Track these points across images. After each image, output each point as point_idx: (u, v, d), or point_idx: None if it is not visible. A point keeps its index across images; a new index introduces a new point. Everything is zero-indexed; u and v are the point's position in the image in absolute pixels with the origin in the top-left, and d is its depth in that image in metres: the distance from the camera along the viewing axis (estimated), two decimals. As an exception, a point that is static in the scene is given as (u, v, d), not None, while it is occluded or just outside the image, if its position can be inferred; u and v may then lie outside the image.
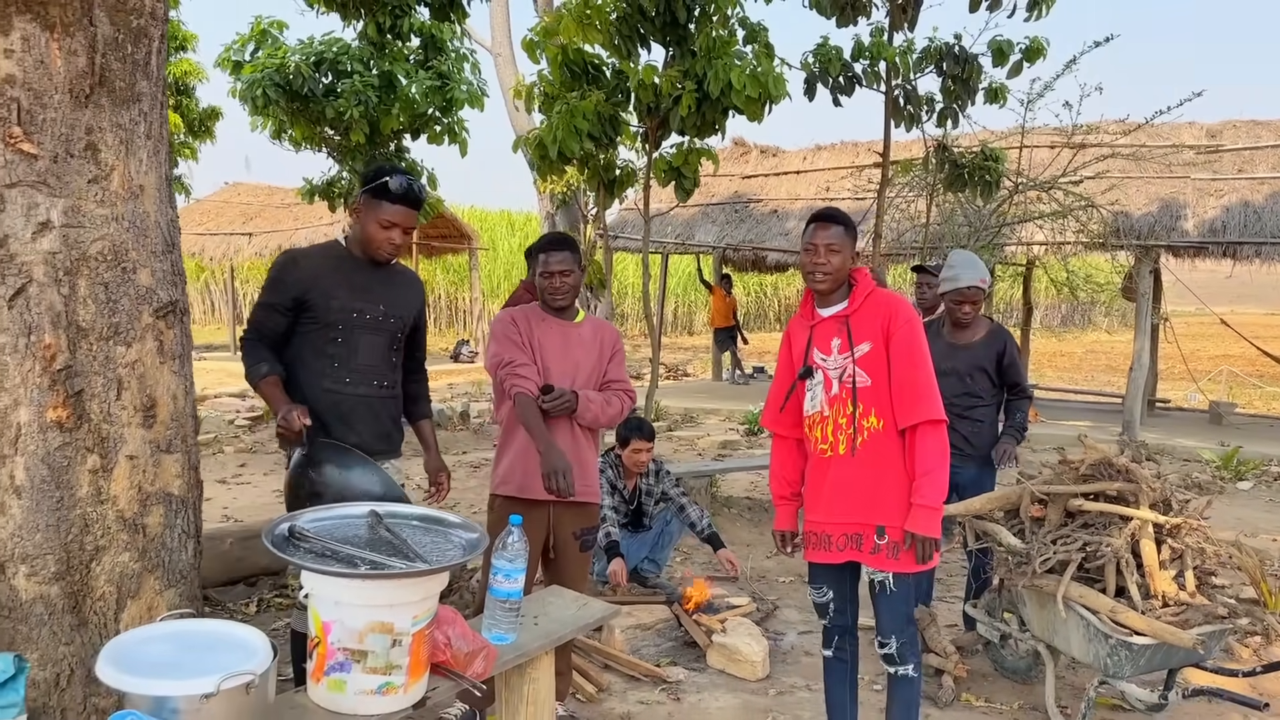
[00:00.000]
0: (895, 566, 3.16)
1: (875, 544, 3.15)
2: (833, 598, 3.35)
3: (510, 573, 2.68)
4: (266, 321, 3.32)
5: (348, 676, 2.27)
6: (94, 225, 2.77)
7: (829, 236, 3.18)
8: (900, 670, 3.26)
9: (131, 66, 2.85)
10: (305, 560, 2.28)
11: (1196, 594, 3.72)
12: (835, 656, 3.41)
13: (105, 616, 2.82)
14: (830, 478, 3.22)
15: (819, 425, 3.26)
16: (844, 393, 3.18)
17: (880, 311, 3.18)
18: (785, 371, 3.40)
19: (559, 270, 3.55)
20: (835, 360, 3.21)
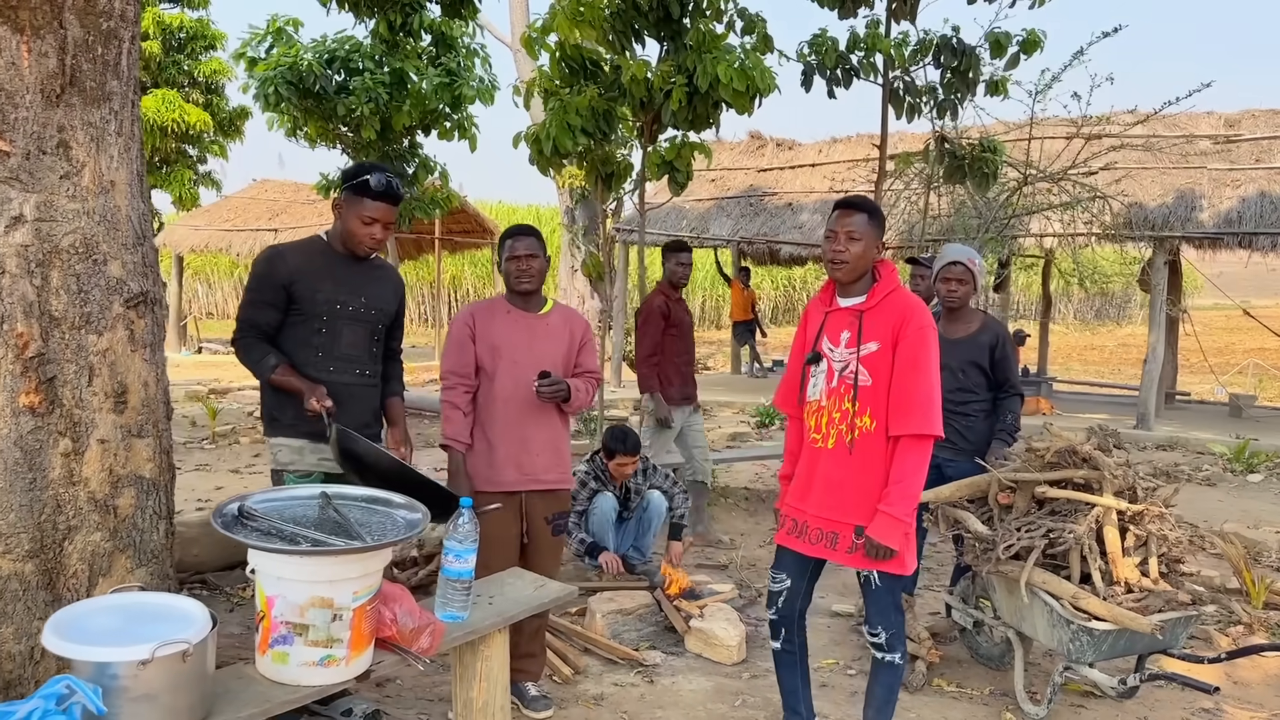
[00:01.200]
0: (872, 566, 3.15)
1: (852, 543, 3.14)
2: (788, 588, 3.37)
3: (461, 553, 2.78)
4: (259, 318, 3.40)
5: (290, 649, 2.38)
6: (66, 219, 2.90)
7: (850, 224, 3.13)
8: (887, 657, 3.28)
9: (102, 67, 2.97)
10: (250, 538, 2.40)
11: (1160, 581, 3.75)
12: (783, 649, 3.45)
13: (78, 593, 2.95)
14: (819, 470, 3.22)
15: (814, 414, 3.26)
16: (843, 387, 3.17)
17: (895, 313, 3.13)
18: (799, 353, 3.38)
19: (525, 254, 3.65)
20: (841, 353, 3.20)
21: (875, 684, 3.34)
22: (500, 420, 3.64)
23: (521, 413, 3.62)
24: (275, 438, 3.47)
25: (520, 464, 3.65)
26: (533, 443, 3.64)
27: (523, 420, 3.62)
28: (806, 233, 13.41)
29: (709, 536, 6.31)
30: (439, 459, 8.05)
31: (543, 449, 3.65)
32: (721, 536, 6.40)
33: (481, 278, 30.06)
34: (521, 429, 3.63)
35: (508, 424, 3.63)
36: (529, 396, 3.58)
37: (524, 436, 3.63)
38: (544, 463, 3.66)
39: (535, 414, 3.63)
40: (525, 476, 3.67)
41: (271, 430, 3.49)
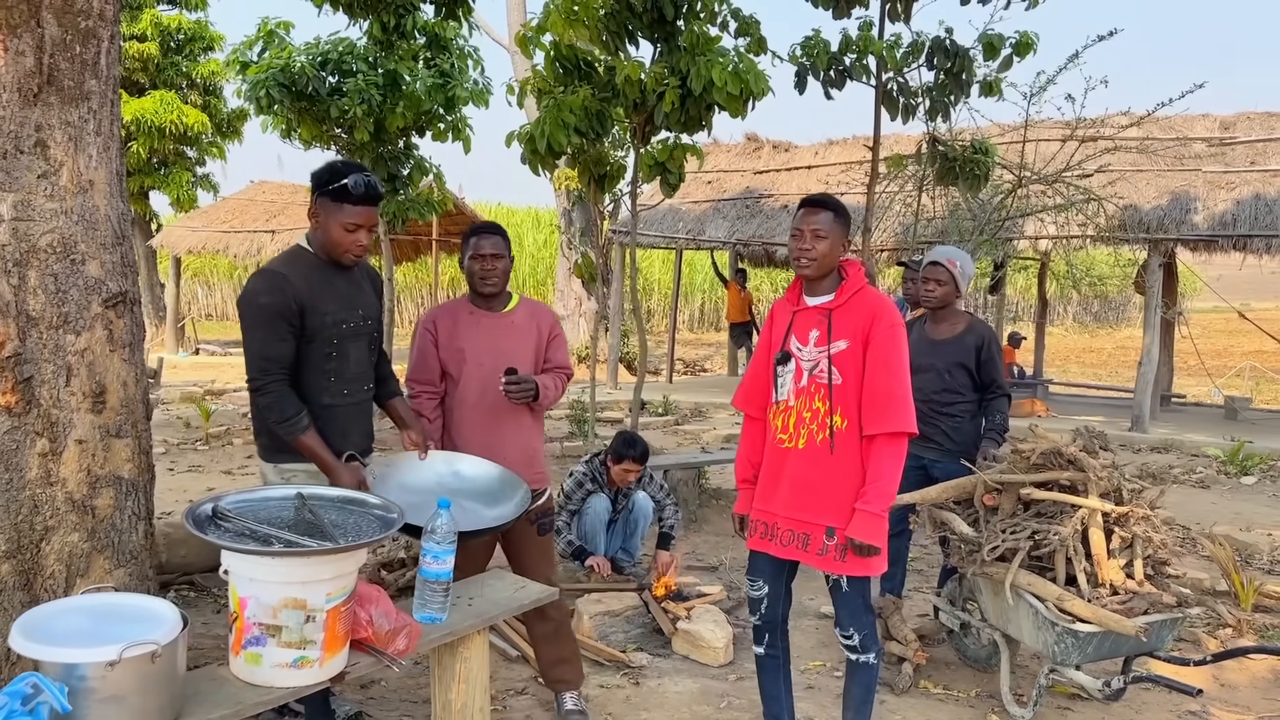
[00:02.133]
0: (843, 569, 3.13)
1: (824, 544, 3.12)
2: (767, 593, 3.35)
3: (438, 554, 2.77)
4: (278, 353, 3.03)
5: (263, 650, 2.37)
6: (43, 218, 2.89)
7: (816, 222, 3.12)
8: (861, 658, 3.27)
9: (80, 66, 2.97)
10: (223, 539, 2.39)
11: (1145, 583, 3.73)
12: (766, 654, 3.41)
13: (55, 594, 2.94)
14: (787, 471, 3.20)
15: (781, 414, 3.24)
16: (813, 386, 3.15)
17: (864, 311, 3.12)
18: (764, 353, 3.36)
19: (489, 254, 3.55)
20: (810, 352, 3.18)
21: (852, 685, 3.33)
22: (469, 425, 3.57)
23: (490, 416, 3.55)
24: (285, 463, 3.16)
25: None
26: (503, 446, 3.56)
27: (491, 424, 3.55)
28: (802, 235, 13.37)
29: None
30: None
31: (513, 451, 3.57)
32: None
33: (480, 279, 29.99)
34: (490, 433, 3.55)
35: (475, 428, 3.56)
36: (497, 399, 3.49)
37: (493, 440, 3.56)
38: (515, 465, 3.56)
39: (504, 416, 3.56)
40: None
41: (276, 455, 3.18)
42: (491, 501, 3.23)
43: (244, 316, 3.04)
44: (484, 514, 3.15)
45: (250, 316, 3.02)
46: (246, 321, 3.03)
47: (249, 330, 3.03)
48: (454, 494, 3.20)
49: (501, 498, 3.23)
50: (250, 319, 3.02)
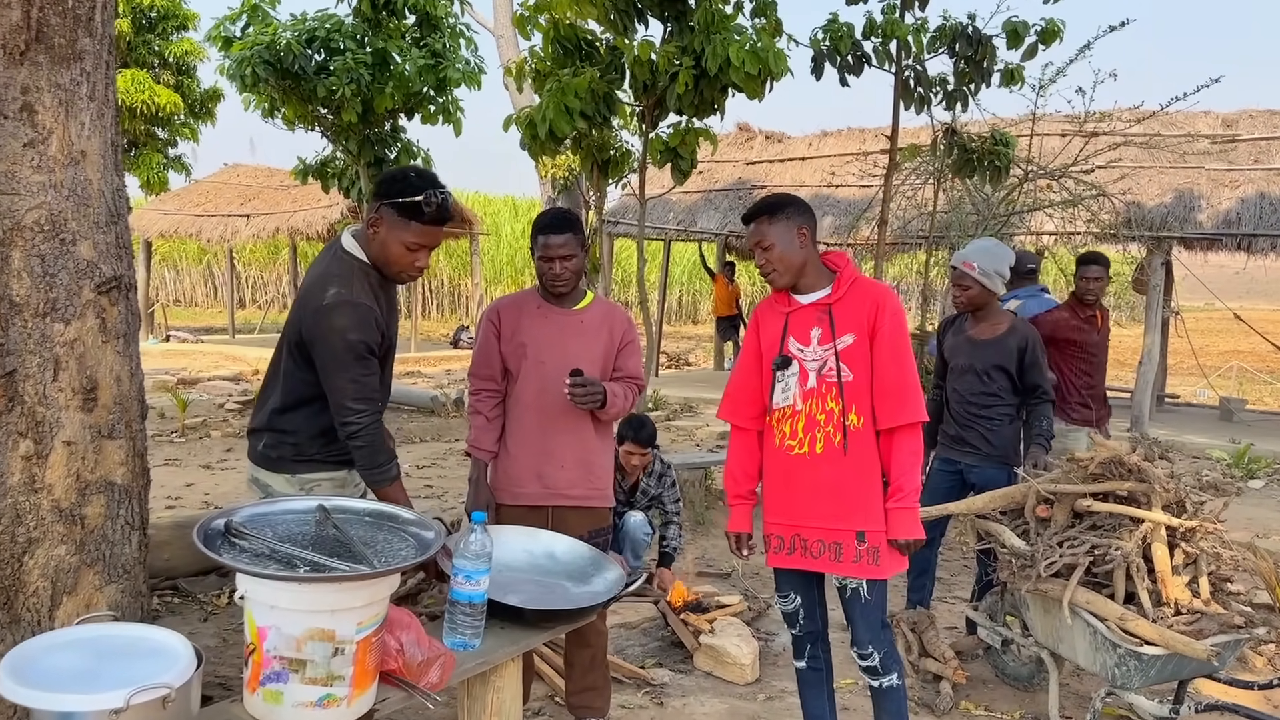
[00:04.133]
0: (877, 573, 2.94)
1: (856, 551, 2.92)
2: (801, 604, 3.15)
3: (471, 574, 2.48)
4: (374, 392, 2.75)
5: (285, 687, 2.08)
6: (30, 193, 2.58)
7: (758, 235, 2.97)
8: (885, 682, 3.06)
9: (72, 22, 2.65)
10: (240, 560, 2.09)
11: (1211, 601, 3.51)
12: (809, 667, 3.21)
13: (39, 614, 2.63)
14: (804, 479, 2.98)
15: (788, 420, 3.01)
16: (823, 387, 2.95)
17: (866, 301, 2.94)
18: (752, 360, 3.13)
19: (560, 255, 3.19)
20: (814, 351, 2.97)
21: (881, 714, 3.10)
22: (523, 427, 3.29)
23: (546, 420, 3.26)
24: (306, 473, 2.84)
25: (543, 476, 3.29)
26: (558, 454, 3.27)
27: (547, 428, 3.26)
28: (795, 227, 13.13)
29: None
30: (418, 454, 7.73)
31: (570, 461, 3.28)
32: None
33: (457, 268, 29.61)
34: (545, 438, 3.26)
35: (529, 432, 3.28)
36: (556, 402, 3.20)
37: (548, 446, 3.27)
38: (570, 476, 3.29)
39: (562, 421, 3.26)
40: (548, 490, 3.30)
41: (295, 466, 2.84)
42: (581, 580, 2.93)
43: (334, 354, 2.68)
44: (572, 591, 2.85)
45: (342, 354, 2.67)
46: (338, 359, 2.68)
47: (342, 369, 2.68)
48: (545, 573, 2.94)
49: (592, 577, 2.94)
50: (342, 357, 2.67)
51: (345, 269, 2.78)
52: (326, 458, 2.82)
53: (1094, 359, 5.46)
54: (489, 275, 28.46)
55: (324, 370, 2.70)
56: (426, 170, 2.81)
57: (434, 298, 30.71)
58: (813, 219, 3.04)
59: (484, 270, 23.74)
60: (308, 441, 2.82)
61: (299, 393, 2.80)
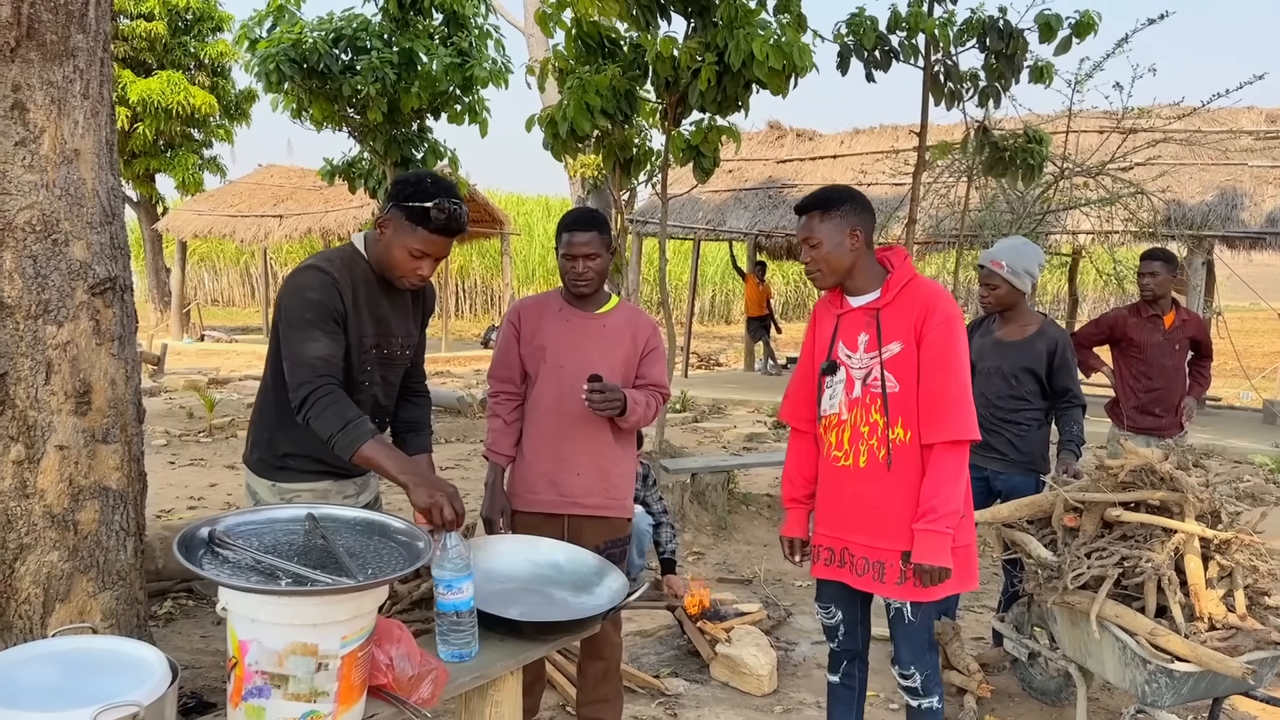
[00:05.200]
0: (923, 596, 2.79)
1: (901, 572, 2.78)
2: (843, 619, 3.01)
3: (451, 583, 2.38)
4: (332, 356, 2.58)
5: (267, 703, 2.00)
6: (21, 192, 2.53)
7: (805, 231, 2.80)
8: (924, 703, 2.94)
9: (65, 18, 2.60)
10: (221, 572, 2.02)
11: (1247, 616, 3.36)
12: (842, 683, 3.08)
13: (31, 621, 2.59)
14: (849, 493, 2.86)
15: (835, 429, 2.89)
16: (868, 397, 2.80)
17: (915, 306, 2.76)
18: (808, 360, 3.01)
19: (584, 254, 3.10)
20: (860, 359, 2.82)
21: None
22: (540, 432, 3.20)
23: (562, 425, 3.16)
24: (285, 483, 2.75)
25: (558, 483, 3.19)
26: (574, 460, 3.17)
27: (564, 434, 3.16)
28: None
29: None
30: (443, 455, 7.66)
31: (585, 468, 3.18)
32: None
33: (489, 268, 29.66)
34: (561, 444, 3.17)
35: (546, 437, 3.19)
36: (573, 408, 3.11)
37: (563, 453, 3.18)
38: (585, 484, 3.18)
39: (579, 428, 3.16)
40: (564, 498, 3.20)
41: (274, 473, 2.75)
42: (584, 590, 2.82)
43: (288, 314, 2.57)
44: (571, 603, 2.74)
45: (296, 313, 2.56)
46: (291, 319, 2.56)
47: (295, 329, 2.54)
48: (548, 584, 2.82)
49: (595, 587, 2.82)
50: (296, 316, 2.55)
51: (334, 253, 2.73)
52: (303, 467, 2.72)
53: (1154, 360, 5.25)
54: (521, 275, 28.49)
55: (283, 338, 2.58)
56: (444, 179, 2.70)
57: (466, 298, 30.79)
58: (871, 219, 2.85)
59: (516, 270, 23.78)
60: (284, 444, 2.73)
61: (271, 388, 2.73)
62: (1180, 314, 5.30)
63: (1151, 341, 5.23)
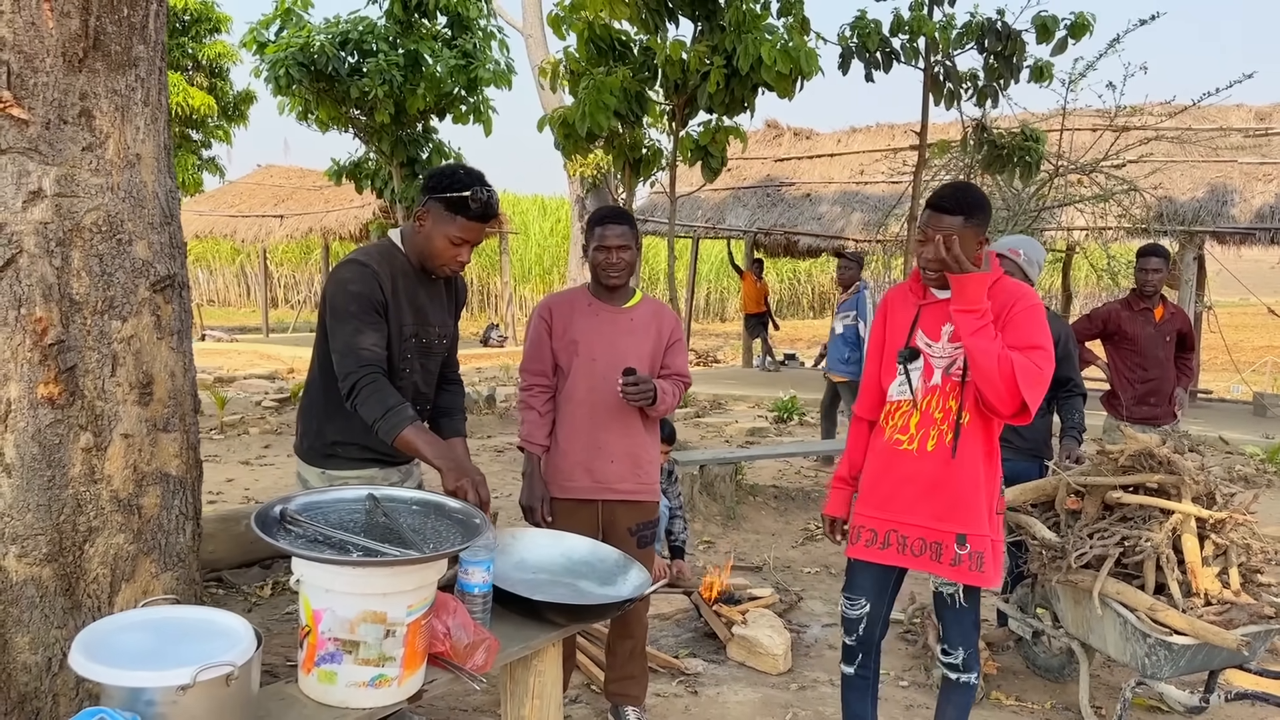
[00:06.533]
0: (977, 580, 2.88)
1: (956, 554, 2.87)
2: (867, 613, 3.07)
3: (475, 565, 2.54)
4: (377, 345, 2.75)
5: (339, 668, 2.17)
6: (88, 195, 2.67)
7: (945, 227, 2.78)
8: (962, 678, 3.05)
9: (128, 30, 2.74)
10: (296, 545, 2.18)
11: (1241, 592, 3.54)
12: (857, 674, 3.15)
13: (99, 599, 2.73)
14: (908, 475, 2.93)
15: (901, 414, 2.97)
16: (948, 385, 2.88)
17: (1000, 299, 2.83)
18: (878, 346, 3.08)
19: (616, 245, 3.27)
20: (943, 348, 2.91)
21: (948, 705, 3.10)
22: (573, 422, 3.36)
23: (596, 415, 3.33)
24: (334, 469, 2.91)
25: (593, 470, 3.36)
26: (608, 449, 3.34)
27: (597, 424, 3.33)
28: (825, 224, 13.17)
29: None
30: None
31: (619, 456, 3.35)
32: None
33: (486, 267, 29.79)
34: (595, 433, 3.34)
35: (579, 427, 3.35)
36: (606, 398, 3.28)
37: (597, 442, 3.34)
38: (619, 471, 3.36)
39: (611, 417, 3.33)
40: (598, 484, 3.37)
41: (324, 460, 2.92)
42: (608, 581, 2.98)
43: (334, 307, 2.76)
44: (595, 592, 2.89)
45: (341, 306, 2.75)
46: (337, 311, 2.75)
47: (341, 322, 2.74)
48: (578, 576, 2.98)
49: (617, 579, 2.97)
50: (341, 309, 2.75)
51: (373, 248, 2.91)
52: (351, 455, 2.88)
53: (1148, 353, 5.43)
54: (517, 274, 28.62)
55: (330, 330, 2.77)
56: (474, 168, 2.88)
57: (463, 296, 30.87)
58: (987, 227, 2.89)
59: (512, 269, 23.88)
60: (332, 433, 2.89)
61: (319, 380, 2.90)
62: (1168, 308, 5.50)
63: (1144, 334, 5.42)
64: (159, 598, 2.32)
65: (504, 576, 2.72)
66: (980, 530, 2.86)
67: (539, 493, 3.37)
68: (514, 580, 2.78)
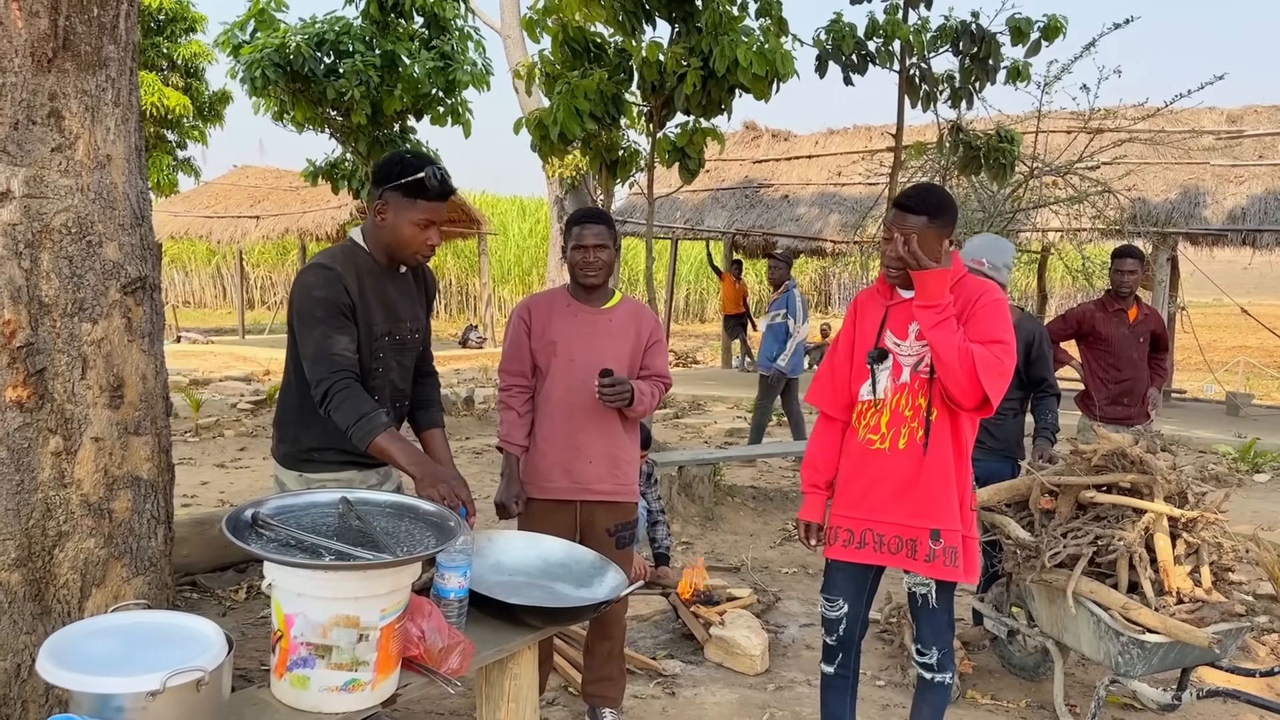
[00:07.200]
0: (953, 575, 2.90)
1: (930, 549, 2.89)
2: (846, 613, 3.09)
3: (452, 570, 2.53)
4: (347, 350, 2.72)
5: (311, 672, 2.15)
6: (57, 196, 2.65)
7: (910, 226, 2.80)
8: (937, 677, 3.06)
9: (98, 30, 2.72)
10: (267, 550, 2.16)
11: (1213, 590, 3.58)
12: (837, 674, 3.16)
13: (69, 605, 2.71)
14: (881, 474, 2.96)
15: (872, 413, 3.00)
16: (916, 383, 2.92)
17: (964, 296, 2.88)
18: (846, 348, 3.11)
19: (593, 244, 3.27)
20: (911, 346, 2.93)
21: (923, 705, 3.12)
22: (552, 423, 3.36)
23: (574, 416, 3.32)
24: (312, 473, 2.88)
25: (571, 471, 3.35)
26: (586, 449, 3.34)
27: (575, 424, 3.33)
28: (803, 225, 13.22)
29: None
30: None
31: (597, 456, 3.35)
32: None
33: (465, 268, 29.72)
34: (573, 434, 3.33)
35: (558, 427, 3.34)
36: (584, 399, 3.28)
37: (576, 442, 3.34)
38: (597, 472, 3.35)
39: (589, 418, 3.32)
40: (577, 485, 3.36)
41: (301, 464, 2.89)
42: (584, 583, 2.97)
43: (300, 314, 2.73)
44: (571, 594, 2.88)
45: (308, 312, 2.72)
46: (304, 318, 2.72)
47: (308, 328, 2.71)
48: (554, 578, 2.97)
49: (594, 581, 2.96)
50: (308, 315, 2.71)
51: (336, 249, 2.89)
52: (328, 459, 2.86)
53: (1122, 353, 5.48)
54: (496, 275, 28.56)
55: (299, 337, 2.75)
56: (419, 151, 2.87)
57: (442, 298, 30.82)
58: (955, 227, 2.92)
59: (491, 270, 23.83)
60: (308, 438, 2.86)
61: (293, 385, 2.87)
62: (1142, 309, 5.55)
63: (1118, 335, 5.47)
64: (130, 602, 2.30)
65: (480, 579, 2.71)
66: (953, 525, 2.89)
67: (514, 492, 3.37)
68: (490, 583, 2.78)
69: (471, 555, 2.57)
